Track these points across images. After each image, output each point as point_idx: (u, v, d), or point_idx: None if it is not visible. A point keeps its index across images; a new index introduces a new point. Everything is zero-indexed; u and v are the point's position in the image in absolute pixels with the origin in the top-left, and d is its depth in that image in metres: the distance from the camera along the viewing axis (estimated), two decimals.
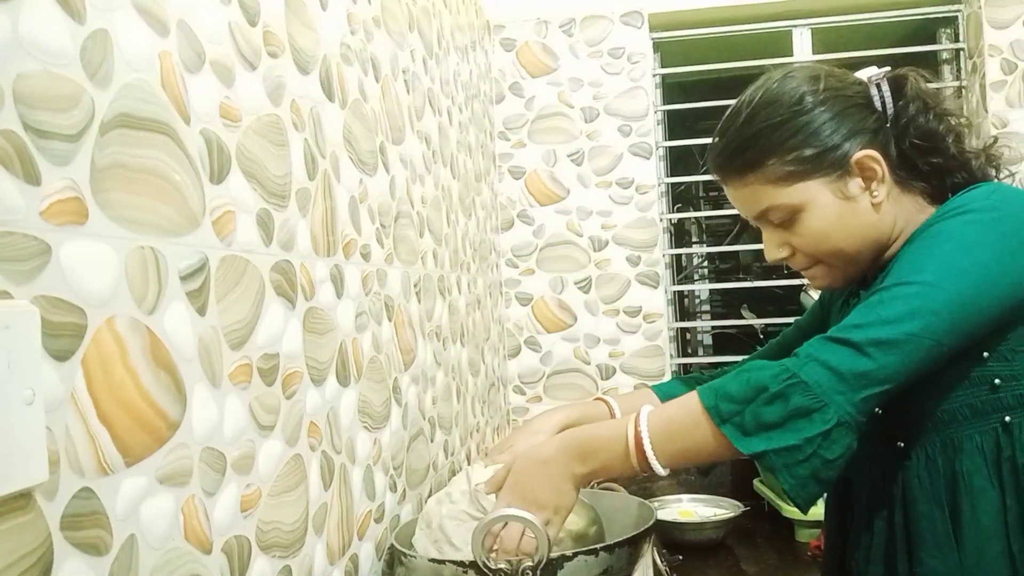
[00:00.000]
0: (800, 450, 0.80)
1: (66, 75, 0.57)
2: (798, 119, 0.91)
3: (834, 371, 0.80)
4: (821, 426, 0.79)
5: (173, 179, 0.69)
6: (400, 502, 1.23)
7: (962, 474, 0.88)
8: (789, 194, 0.92)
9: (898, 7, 2.20)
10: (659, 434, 0.87)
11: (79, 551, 0.56)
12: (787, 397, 0.81)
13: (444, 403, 1.51)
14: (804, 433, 0.80)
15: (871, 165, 0.91)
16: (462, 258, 1.75)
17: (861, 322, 0.82)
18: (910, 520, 0.91)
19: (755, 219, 0.98)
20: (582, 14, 2.24)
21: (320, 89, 1.01)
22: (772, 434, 0.81)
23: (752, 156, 0.93)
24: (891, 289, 0.84)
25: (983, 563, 0.87)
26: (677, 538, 1.78)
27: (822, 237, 0.93)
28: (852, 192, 0.92)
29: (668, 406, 0.90)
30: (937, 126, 0.94)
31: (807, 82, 0.93)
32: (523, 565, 0.89)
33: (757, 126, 0.93)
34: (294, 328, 0.90)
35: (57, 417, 0.55)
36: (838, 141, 0.91)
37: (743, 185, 0.95)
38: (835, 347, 0.82)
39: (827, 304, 1.16)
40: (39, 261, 0.54)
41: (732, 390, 0.84)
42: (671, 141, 2.33)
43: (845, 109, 0.92)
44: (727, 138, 0.96)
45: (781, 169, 0.92)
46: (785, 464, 0.80)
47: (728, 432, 0.82)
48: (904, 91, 0.94)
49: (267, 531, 0.82)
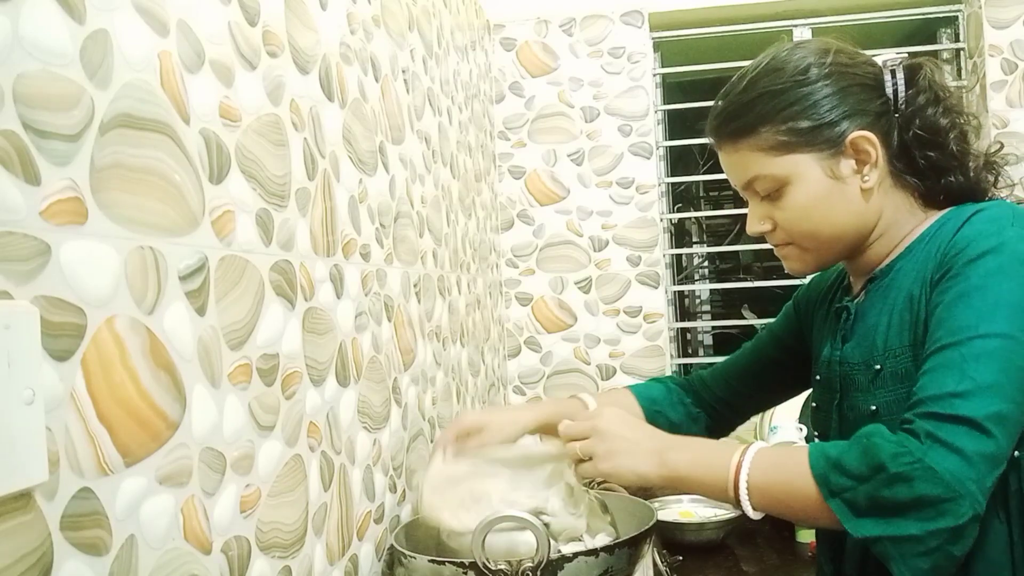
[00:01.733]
0: (922, 542, 0.73)
1: (66, 75, 0.57)
2: (798, 89, 0.90)
3: (963, 456, 0.73)
4: (953, 520, 0.73)
5: (173, 179, 0.69)
6: (400, 502, 1.23)
7: None
8: (778, 164, 0.91)
9: (898, 7, 2.20)
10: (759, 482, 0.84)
11: (79, 551, 0.56)
12: (911, 482, 0.74)
13: (444, 403, 1.51)
14: (930, 525, 0.73)
15: (865, 147, 0.89)
16: (462, 258, 1.75)
17: (958, 390, 0.76)
18: None
19: (742, 188, 0.96)
20: (582, 13, 2.24)
21: (320, 89, 1.01)
22: (891, 520, 0.75)
23: (747, 121, 0.92)
24: (968, 345, 0.78)
25: None
26: (677, 538, 1.78)
27: (803, 215, 0.91)
28: (842, 172, 0.90)
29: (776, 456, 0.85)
30: (943, 121, 0.92)
31: (815, 54, 0.92)
32: (523, 565, 0.89)
33: (757, 92, 0.92)
34: (294, 328, 0.90)
35: (57, 417, 0.55)
36: (836, 118, 0.89)
37: (735, 151, 0.94)
38: (953, 427, 0.75)
39: (803, 310, 1.13)
40: (39, 261, 0.54)
41: (846, 462, 0.77)
42: (671, 141, 2.33)
43: (849, 87, 0.91)
44: (727, 101, 0.95)
45: (774, 138, 0.90)
46: (902, 554, 0.74)
47: (836, 508, 0.77)
48: (917, 80, 0.93)
49: (267, 531, 0.82)
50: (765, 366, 1.19)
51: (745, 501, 0.84)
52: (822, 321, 1.06)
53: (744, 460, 0.85)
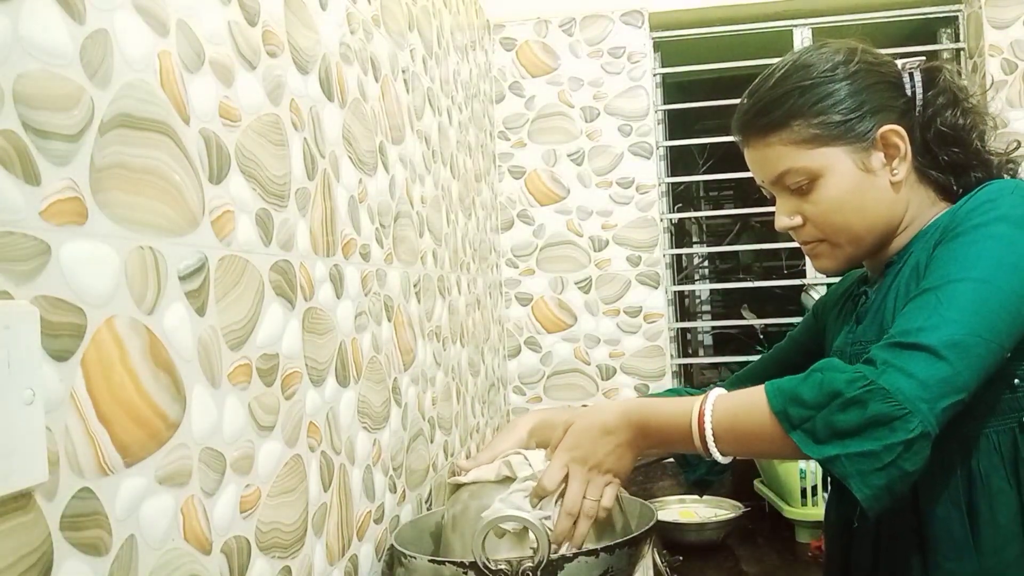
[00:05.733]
0: (878, 457, 0.76)
1: (66, 75, 0.57)
2: (829, 84, 0.92)
3: (915, 378, 0.77)
4: (904, 435, 0.75)
5: (173, 179, 0.69)
6: (400, 503, 1.23)
7: (979, 473, 0.86)
8: (810, 157, 0.92)
9: (898, 7, 2.20)
10: (723, 426, 0.86)
11: (79, 551, 0.56)
12: (865, 403, 0.77)
13: (444, 404, 1.51)
14: (883, 441, 0.76)
15: (895, 141, 0.91)
16: (462, 258, 1.75)
17: (924, 325, 0.79)
18: (924, 523, 0.89)
19: (771, 183, 0.97)
20: (582, 13, 2.24)
21: (319, 89, 1.01)
22: (847, 441, 0.77)
23: (778, 116, 0.93)
24: (944, 288, 0.81)
25: (1001, 566, 0.85)
26: (678, 539, 1.78)
27: (836, 207, 0.92)
28: (873, 166, 0.92)
29: (735, 399, 0.87)
30: (964, 121, 0.94)
31: (843, 53, 0.94)
32: (523, 565, 0.89)
33: (787, 87, 0.93)
34: (293, 328, 0.90)
35: (57, 417, 0.55)
36: (866, 112, 0.91)
37: (765, 146, 0.95)
38: (910, 353, 0.78)
39: (821, 314, 1.15)
40: (39, 261, 0.54)
41: (803, 394, 0.80)
42: (671, 141, 2.33)
43: (877, 83, 0.93)
44: (755, 97, 0.96)
45: (806, 131, 0.91)
46: (860, 471, 0.77)
47: (798, 439, 0.79)
48: (937, 81, 0.95)
49: (267, 531, 0.82)
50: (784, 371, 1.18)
51: (714, 450, 0.86)
52: (837, 316, 1.08)
53: (706, 407, 0.87)
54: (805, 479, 1.79)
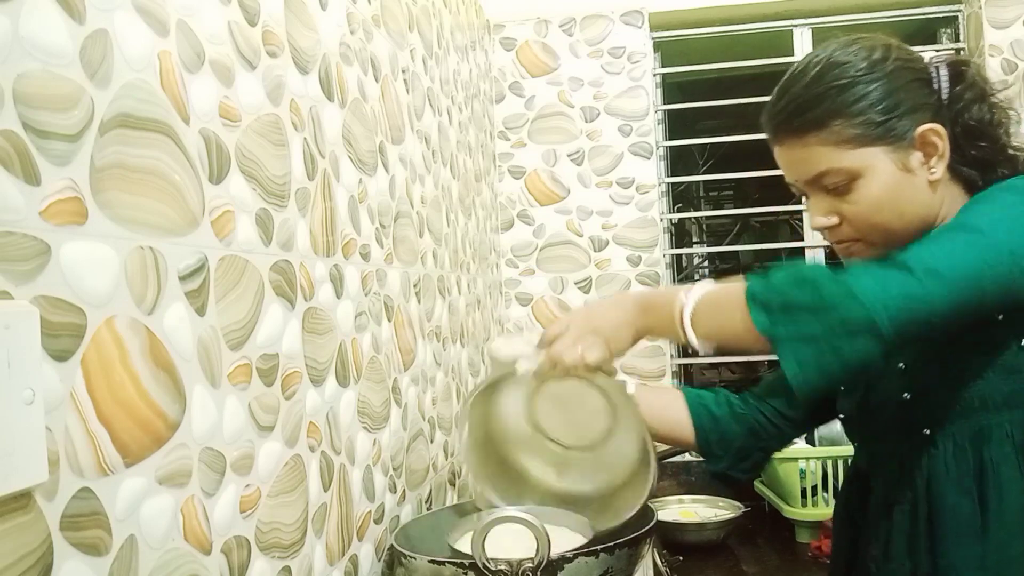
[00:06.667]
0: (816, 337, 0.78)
1: (66, 75, 0.57)
2: (867, 83, 0.90)
3: (881, 283, 0.78)
4: (847, 314, 0.77)
5: (173, 179, 0.69)
6: (400, 503, 1.23)
7: (990, 463, 0.87)
8: (850, 158, 0.90)
9: (898, 7, 2.20)
10: (702, 308, 0.88)
11: (79, 551, 0.56)
12: (822, 287, 0.79)
13: (444, 404, 1.51)
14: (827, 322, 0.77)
15: (933, 139, 0.91)
16: (462, 258, 1.75)
17: (910, 252, 0.81)
18: (935, 511, 0.90)
19: (806, 183, 0.95)
20: (582, 13, 2.24)
21: (320, 89, 1.01)
22: (795, 316, 0.80)
23: (817, 115, 0.91)
24: (940, 233, 0.84)
25: (1007, 558, 0.86)
26: (678, 539, 1.78)
27: (876, 207, 0.91)
28: (912, 165, 0.91)
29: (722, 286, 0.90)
30: (991, 116, 0.94)
31: (878, 50, 0.93)
32: (523, 566, 0.89)
33: (825, 85, 0.91)
34: (293, 328, 0.90)
35: (57, 417, 0.55)
36: (904, 111, 0.90)
37: (801, 146, 0.93)
38: (887, 266, 0.80)
39: None
40: (39, 261, 0.54)
41: (775, 277, 0.83)
42: (671, 141, 2.33)
43: (911, 81, 0.92)
44: (789, 96, 0.94)
45: (847, 132, 0.90)
46: (792, 339, 0.79)
47: (753, 312, 0.82)
48: (964, 77, 0.94)
49: (267, 532, 0.82)
50: None
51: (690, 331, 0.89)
52: None
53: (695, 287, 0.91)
54: (805, 479, 1.79)
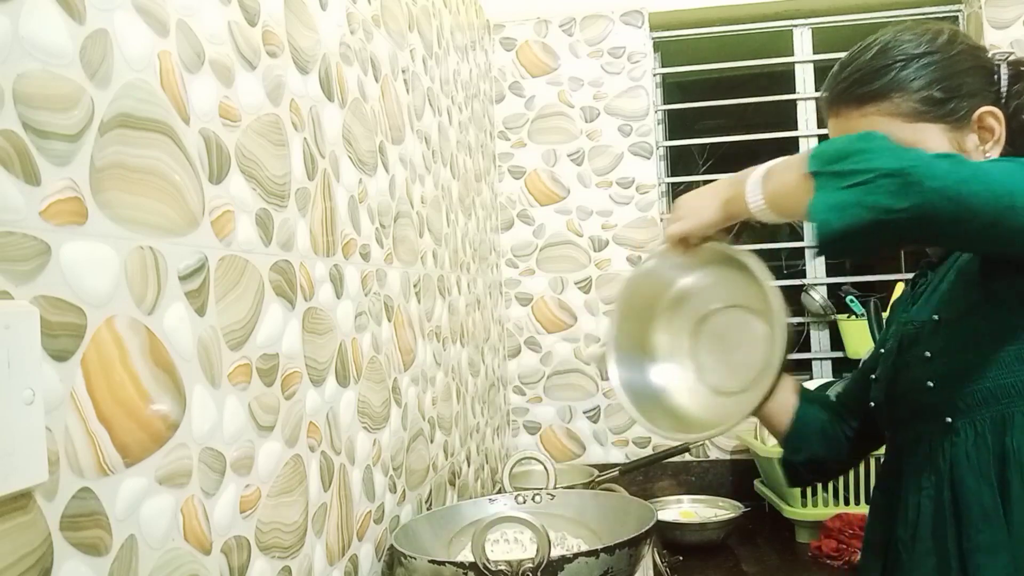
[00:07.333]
0: (849, 175, 0.76)
1: (66, 75, 0.57)
2: (933, 59, 0.91)
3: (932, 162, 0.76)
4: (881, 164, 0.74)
5: (172, 179, 0.69)
6: (400, 503, 1.23)
7: (1012, 449, 0.87)
8: (907, 131, 0.90)
9: (898, 7, 2.20)
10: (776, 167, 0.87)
11: (79, 551, 0.56)
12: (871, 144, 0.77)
13: (444, 403, 1.51)
14: (863, 166, 0.75)
15: (991, 123, 0.91)
16: (462, 258, 1.75)
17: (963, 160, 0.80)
18: (958, 496, 0.91)
19: None
20: (582, 13, 2.24)
21: (319, 89, 1.01)
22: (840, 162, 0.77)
23: (879, 87, 0.92)
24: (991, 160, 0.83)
25: None
26: (678, 539, 1.78)
27: None
28: (967, 147, 0.91)
29: None
30: None
31: (944, 33, 0.94)
32: (523, 566, 0.89)
33: (890, 58, 0.92)
34: (293, 328, 0.90)
35: (57, 417, 0.55)
36: (964, 93, 0.91)
37: (860, 116, 0.93)
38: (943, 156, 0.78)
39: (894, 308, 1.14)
40: (39, 261, 0.54)
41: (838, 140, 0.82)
42: (671, 141, 2.33)
43: (975, 67, 0.93)
44: (853, 67, 0.94)
45: (908, 105, 0.91)
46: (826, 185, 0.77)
47: (811, 156, 0.80)
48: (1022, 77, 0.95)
49: (267, 532, 0.82)
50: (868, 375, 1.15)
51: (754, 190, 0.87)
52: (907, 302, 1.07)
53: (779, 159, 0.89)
54: None
